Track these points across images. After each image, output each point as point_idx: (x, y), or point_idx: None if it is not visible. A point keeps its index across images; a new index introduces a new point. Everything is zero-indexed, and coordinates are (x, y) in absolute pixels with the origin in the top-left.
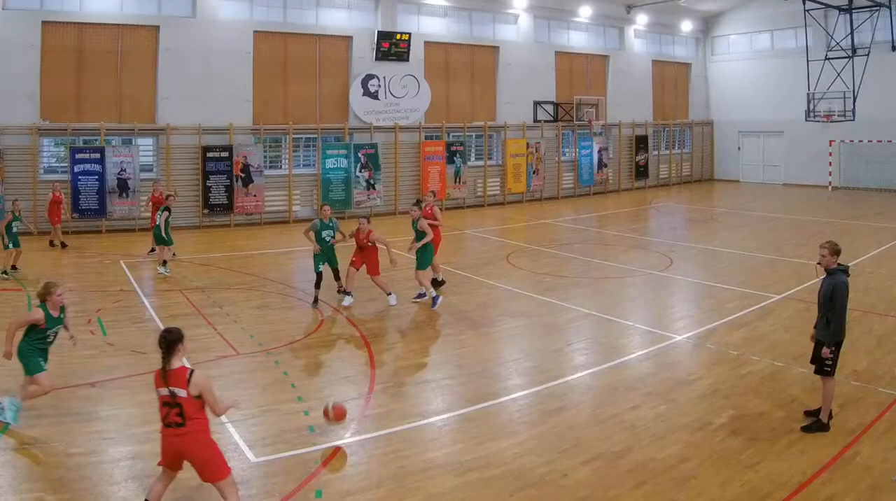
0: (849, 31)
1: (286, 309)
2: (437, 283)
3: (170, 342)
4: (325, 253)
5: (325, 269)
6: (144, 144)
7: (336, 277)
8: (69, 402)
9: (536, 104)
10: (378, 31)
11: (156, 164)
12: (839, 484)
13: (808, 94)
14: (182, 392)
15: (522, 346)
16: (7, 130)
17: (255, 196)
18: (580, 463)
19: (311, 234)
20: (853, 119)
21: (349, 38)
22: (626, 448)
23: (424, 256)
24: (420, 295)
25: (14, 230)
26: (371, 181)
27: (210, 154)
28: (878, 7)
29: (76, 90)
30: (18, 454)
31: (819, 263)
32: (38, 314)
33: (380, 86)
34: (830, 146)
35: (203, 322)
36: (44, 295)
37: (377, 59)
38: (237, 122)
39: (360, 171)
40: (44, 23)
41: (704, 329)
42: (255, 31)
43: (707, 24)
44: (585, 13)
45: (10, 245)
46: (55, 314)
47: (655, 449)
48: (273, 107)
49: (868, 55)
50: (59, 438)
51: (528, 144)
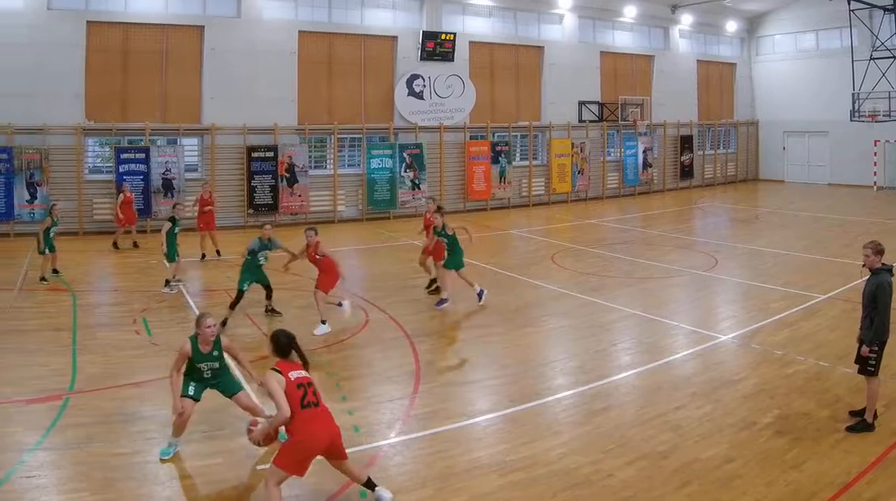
0: (894, 31)
1: (330, 309)
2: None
3: (284, 345)
4: (254, 273)
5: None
6: (189, 144)
7: (268, 296)
8: (114, 403)
9: (581, 104)
10: (423, 31)
11: (201, 164)
12: (884, 484)
13: (853, 94)
14: (306, 373)
15: (567, 346)
16: (52, 130)
17: (300, 196)
18: (625, 463)
19: (245, 257)
20: None
21: (394, 38)
22: (671, 448)
23: (456, 257)
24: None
25: (51, 235)
26: (416, 181)
27: (255, 154)
28: None
29: (121, 90)
30: (64, 454)
31: (863, 264)
32: (186, 347)
33: (425, 86)
34: (875, 146)
35: (248, 321)
36: (196, 326)
37: (422, 59)
38: (282, 122)
39: (405, 171)
40: (88, 23)
41: (749, 329)
42: (300, 31)
43: (752, 24)
44: (630, 13)
45: (47, 250)
46: (205, 349)
47: (700, 449)
48: (318, 107)
49: None
50: (104, 438)
51: (573, 144)
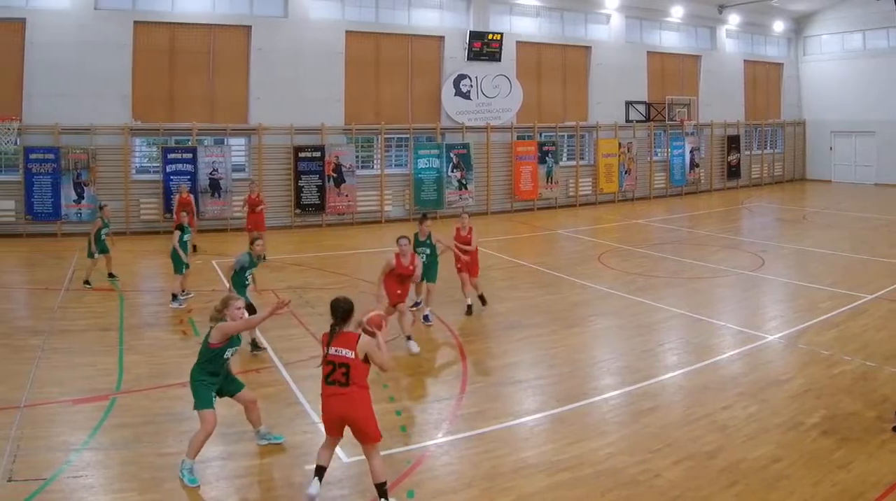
0: None
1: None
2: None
3: (345, 310)
4: (240, 293)
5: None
6: (236, 144)
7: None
8: (161, 402)
9: (628, 104)
10: (470, 31)
11: (248, 164)
12: None
13: None
14: (350, 353)
15: (614, 346)
16: (99, 130)
17: (347, 196)
18: (672, 463)
19: (231, 273)
20: None
21: (441, 38)
22: (718, 448)
23: (433, 270)
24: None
25: (102, 237)
26: (463, 181)
27: (302, 154)
28: None
29: (168, 90)
30: (111, 454)
31: None
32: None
33: (472, 86)
34: None
35: (295, 322)
36: (221, 309)
37: (469, 59)
38: (329, 122)
39: (452, 171)
40: (135, 23)
41: (796, 329)
42: (347, 31)
43: (799, 25)
44: (677, 13)
45: (98, 253)
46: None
47: (747, 449)
48: (365, 107)
49: None
50: (151, 438)
51: (620, 144)
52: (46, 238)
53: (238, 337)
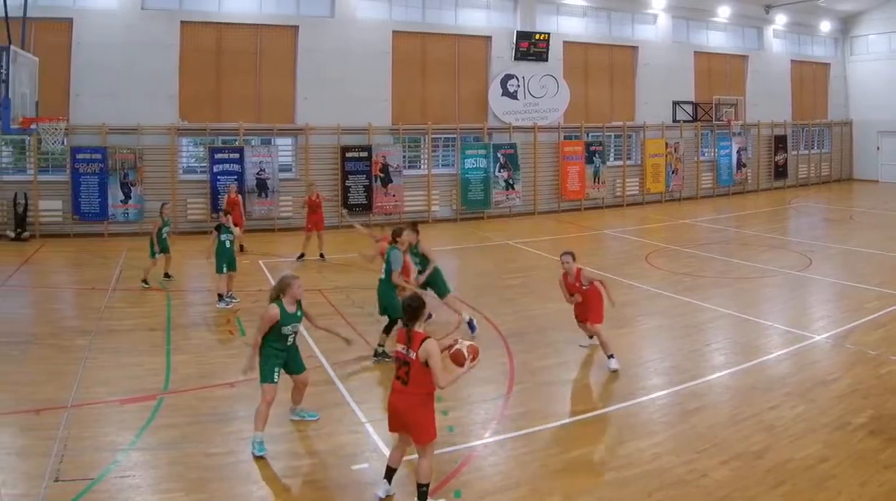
0: None
1: (432, 310)
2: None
3: (413, 309)
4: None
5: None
6: (283, 144)
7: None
8: (208, 402)
9: (675, 104)
10: (517, 31)
11: (295, 164)
12: None
13: None
14: (413, 353)
15: (661, 346)
16: (146, 130)
17: (394, 196)
18: (719, 463)
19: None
20: None
21: (488, 38)
22: (765, 447)
23: (439, 280)
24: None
25: (164, 236)
26: (510, 181)
27: (349, 154)
28: None
29: (215, 90)
30: (158, 454)
31: None
32: (273, 311)
33: (519, 86)
34: None
35: (343, 322)
36: (280, 290)
37: (516, 59)
38: (376, 122)
39: (499, 171)
40: (182, 23)
41: (843, 329)
42: (394, 31)
43: (846, 24)
44: (724, 13)
45: (160, 252)
46: (291, 309)
47: (794, 449)
48: (412, 107)
49: None
50: (198, 438)
51: (667, 144)
52: (93, 238)
53: (297, 315)
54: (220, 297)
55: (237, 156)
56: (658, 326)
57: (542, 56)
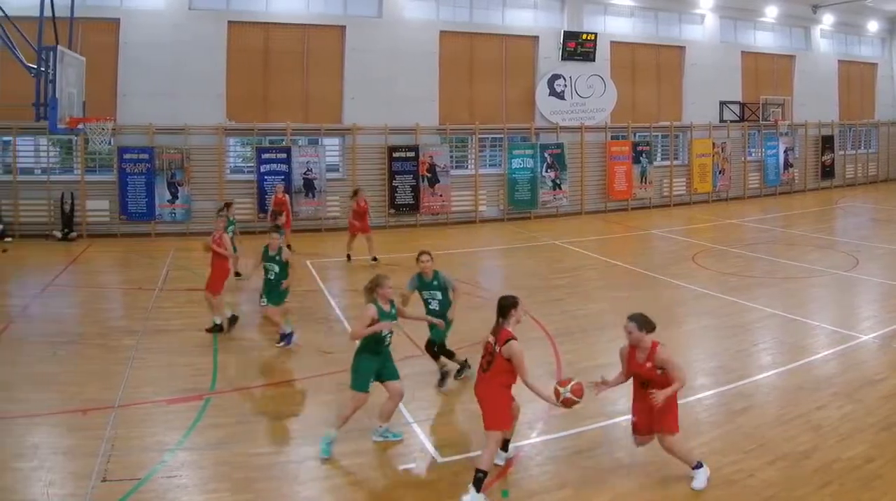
0: None
1: (472, 309)
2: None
3: (503, 306)
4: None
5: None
6: (331, 144)
7: (439, 355)
8: (255, 403)
9: (722, 104)
10: (564, 31)
11: (342, 164)
12: None
13: None
14: (497, 347)
15: (708, 346)
16: (193, 130)
17: (441, 196)
18: (766, 463)
19: (407, 293)
20: None
21: (535, 38)
22: (812, 447)
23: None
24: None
25: (230, 235)
26: (557, 181)
27: (396, 154)
28: None
29: (262, 90)
30: (205, 454)
31: None
32: (371, 311)
33: (566, 86)
34: None
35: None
36: (373, 288)
37: (563, 59)
38: (423, 122)
39: (547, 171)
40: (229, 23)
41: (890, 329)
42: (442, 31)
43: (893, 25)
44: (771, 13)
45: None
46: (386, 308)
47: (841, 449)
48: (459, 107)
49: None
50: (245, 438)
51: (714, 144)
52: (140, 238)
53: (391, 313)
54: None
55: (284, 156)
56: (705, 326)
57: (590, 56)
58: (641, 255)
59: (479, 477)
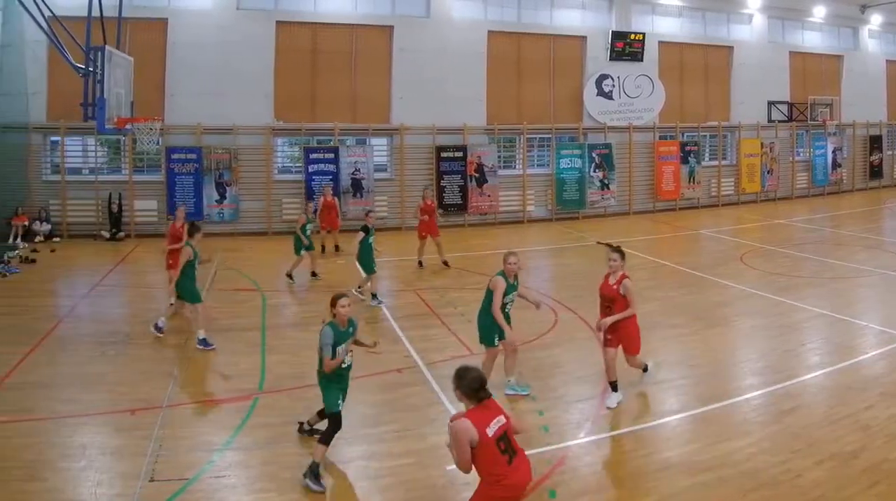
0: None
1: (520, 309)
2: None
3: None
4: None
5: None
6: (378, 144)
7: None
8: (303, 403)
9: (770, 104)
10: (612, 31)
11: (390, 164)
12: None
13: None
14: (616, 287)
15: (756, 346)
16: (241, 130)
17: (489, 196)
18: (814, 463)
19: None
20: None
21: (583, 38)
22: (860, 448)
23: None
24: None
25: (308, 232)
26: (605, 181)
27: (444, 154)
28: None
29: (310, 90)
30: (253, 454)
31: None
32: (500, 282)
33: (614, 86)
34: None
35: (437, 322)
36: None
37: (611, 59)
38: (471, 122)
39: (595, 171)
40: (278, 23)
41: None
42: (489, 31)
43: None
44: (819, 13)
45: (303, 249)
46: (511, 281)
47: (889, 449)
48: (507, 106)
49: None
50: (292, 438)
51: (763, 144)
52: None
53: (514, 285)
54: (374, 296)
55: (332, 156)
56: (753, 326)
57: (638, 56)
58: (689, 255)
59: (614, 383)
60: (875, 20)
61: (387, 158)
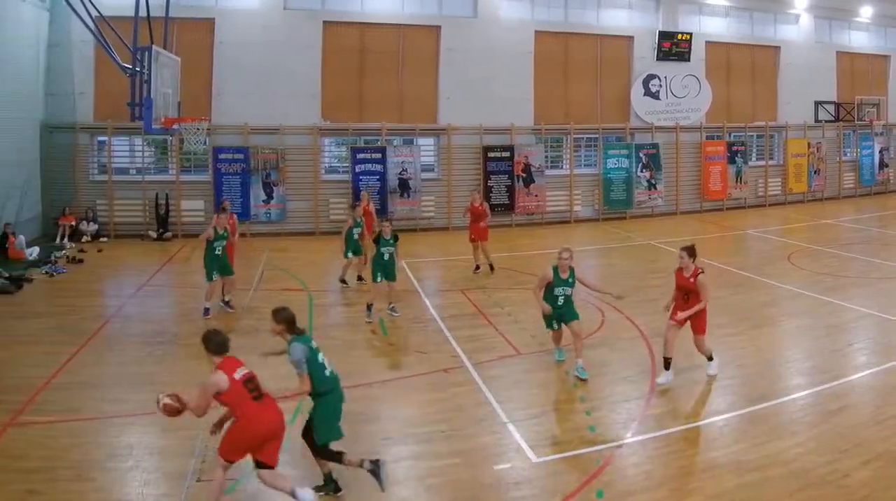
0: None
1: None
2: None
3: (692, 248)
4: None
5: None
6: (425, 144)
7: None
8: (349, 403)
9: (817, 104)
10: (659, 31)
11: (437, 164)
12: None
13: None
14: (692, 280)
15: (803, 346)
16: (288, 130)
17: (537, 196)
18: (861, 463)
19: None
20: None
21: (630, 38)
22: None
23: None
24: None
25: (354, 236)
26: (652, 181)
27: (491, 154)
28: None
29: (357, 90)
30: (300, 454)
31: None
32: (548, 272)
33: (661, 86)
34: None
35: (485, 322)
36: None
37: (658, 59)
38: (518, 122)
39: (642, 171)
40: (325, 23)
41: None
42: (537, 31)
43: None
44: (866, 13)
45: (351, 253)
46: (563, 276)
47: None
48: (554, 107)
49: None
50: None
51: (810, 144)
52: None
53: (568, 281)
54: (369, 306)
55: (379, 156)
56: (800, 326)
57: (685, 56)
58: (737, 255)
59: (668, 361)
60: None
61: (434, 158)
